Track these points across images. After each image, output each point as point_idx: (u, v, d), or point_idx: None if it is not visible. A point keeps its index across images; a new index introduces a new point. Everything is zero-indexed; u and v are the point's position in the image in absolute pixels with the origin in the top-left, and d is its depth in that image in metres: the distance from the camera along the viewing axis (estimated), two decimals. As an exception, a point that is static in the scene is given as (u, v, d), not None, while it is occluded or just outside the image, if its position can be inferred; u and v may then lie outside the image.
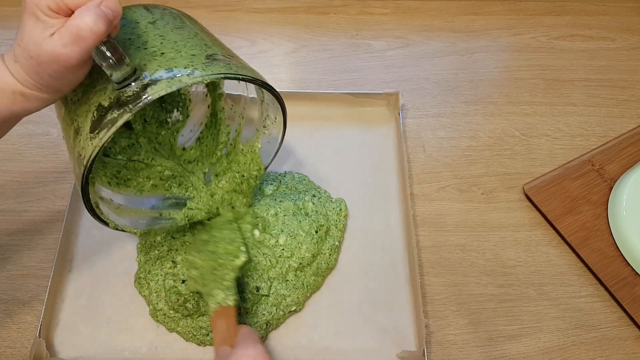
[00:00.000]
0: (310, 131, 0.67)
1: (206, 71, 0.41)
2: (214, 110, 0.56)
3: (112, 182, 0.51)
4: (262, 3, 0.81)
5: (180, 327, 0.53)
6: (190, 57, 0.42)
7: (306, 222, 0.57)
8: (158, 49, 0.42)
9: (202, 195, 0.55)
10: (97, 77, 0.41)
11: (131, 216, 0.52)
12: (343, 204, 0.61)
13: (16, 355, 0.51)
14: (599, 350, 0.54)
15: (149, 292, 0.54)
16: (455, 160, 0.66)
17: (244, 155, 0.55)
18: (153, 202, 0.55)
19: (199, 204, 0.54)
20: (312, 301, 0.56)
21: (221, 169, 0.56)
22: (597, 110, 0.71)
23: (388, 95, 0.68)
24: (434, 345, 0.53)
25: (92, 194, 0.46)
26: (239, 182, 0.55)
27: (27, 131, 0.66)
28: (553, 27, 0.81)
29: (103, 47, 0.37)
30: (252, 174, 0.55)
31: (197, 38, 0.45)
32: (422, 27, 0.80)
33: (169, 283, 0.53)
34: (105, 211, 0.48)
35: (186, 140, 0.56)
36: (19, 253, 0.57)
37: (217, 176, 0.56)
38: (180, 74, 0.40)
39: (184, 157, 0.55)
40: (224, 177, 0.55)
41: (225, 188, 0.55)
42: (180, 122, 0.55)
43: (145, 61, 0.40)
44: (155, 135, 0.53)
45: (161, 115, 0.54)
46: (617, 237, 0.59)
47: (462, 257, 0.59)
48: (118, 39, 0.39)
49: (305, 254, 0.55)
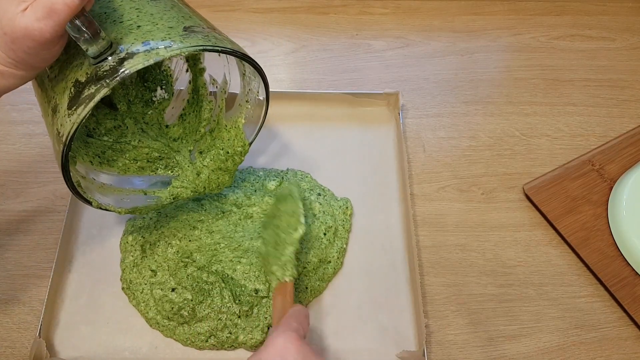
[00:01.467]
0: (310, 131, 0.67)
1: (184, 43, 0.40)
2: (196, 85, 0.55)
3: (95, 161, 0.50)
4: (262, 3, 0.81)
5: (176, 334, 0.52)
6: (168, 29, 0.41)
7: (315, 225, 0.57)
8: (134, 22, 0.41)
9: (187, 174, 0.54)
10: (74, 53, 0.40)
11: (115, 195, 0.52)
12: (349, 202, 0.61)
13: (16, 355, 0.51)
14: (599, 350, 0.54)
15: (136, 302, 0.53)
16: (455, 160, 0.66)
17: (227, 132, 0.54)
18: (137, 181, 0.54)
19: (184, 182, 0.53)
20: (312, 301, 0.56)
21: (205, 146, 0.55)
22: (597, 110, 0.71)
23: (388, 95, 0.68)
24: (434, 345, 0.53)
25: (74, 172, 0.45)
26: (223, 159, 0.54)
27: (27, 131, 0.66)
28: (553, 27, 0.81)
29: (77, 21, 0.36)
30: (237, 150, 0.54)
31: (174, 10, 0.44)
32: (422, 27, 0.80)
33: (157, 293, 0.53)
34: (89, 190, 0.48)
35: (169, 117, 0.55)
36: (19, 253, 0.57)
37: (202, 153, 0.55)
38: (158, 47, 0.39)
39: (168, 135, 0.55)
40: (209, 155, 0.54)
41: (211, 166, 0.54)
42: (167, 100, 0.54)
43: (122, 35, 0.40)
44: (142, 115, 0.52)
45: (145, 95, 0.53)
46: (617, 237, 0.59)
47: (462, 257, 0.59)
48: (93, 13, 0.38)
49: (312, 259, 0.55)
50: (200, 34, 0.42)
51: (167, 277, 0.54)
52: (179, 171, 0.54)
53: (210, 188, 0.55)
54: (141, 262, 0.55)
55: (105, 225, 0.59)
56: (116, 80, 0.38)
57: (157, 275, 0.54)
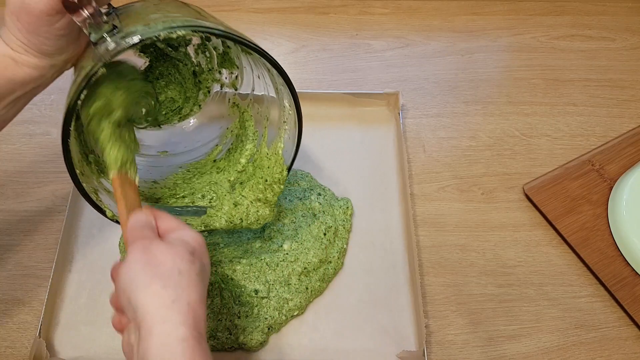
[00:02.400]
0: (310, 131, 0.66)
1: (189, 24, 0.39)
2: (242, 120, 0.55)
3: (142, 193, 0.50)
4: (262, 3, 0.81)
5: None
6: (174, 17, 0.40)
7: (315, 225, 0.57)
8: (145, 14, 0.41)
9: (224, 204, 0.52)
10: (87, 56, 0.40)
11: None
12: (349, 202, 0.60)
13: (16, 355, 0.51)
14: (599, 350, 0.54)
15: None
16: (455, 160, 0.66)
17: (268, 159, 0.52)
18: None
19: (219, 212, 0.52)
20: (312, 301, 0.56)
21: (246, 176, 0.54)
22: (597, 110, 0.71)
23: (388, 95, 0.68)
24: (434, 345, 0.53)
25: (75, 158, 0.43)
26: (262, 189, 0.52)
27: (27, 131, 0.66)
28: (553, 27, 0.81)
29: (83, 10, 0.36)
30: (275, 177, 0.51)
31: (189, 8, 0.43)
32: (422, 27, 0.80)
33: None
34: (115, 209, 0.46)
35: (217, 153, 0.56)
36: (19, 253, 0.57)
37: (242, 184, 0.53)
38: (157, 27, 0.38)
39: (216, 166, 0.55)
40: (248, 184, 0.53)
41: (249, 197, 0.52)
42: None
43: (129, 22, 0.40)
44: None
45: None
46: (617, 237, 0.59)
47: (462, 257, 0.59)
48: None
49: (312, 259, 0.55)
50: (212, 23, 0.41)
51: None
52: (216, 200, 0.53)
53: (249, 222, 0.52)
54: None
55: (105, 225, 0.59)
56: (111, 54, 0.37)
57: None
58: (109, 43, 0.38)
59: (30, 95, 0.42)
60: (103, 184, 0.48)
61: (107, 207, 0.47)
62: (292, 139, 0.50)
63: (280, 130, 0.52)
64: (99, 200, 0.46)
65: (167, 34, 0.38)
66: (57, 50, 0.39)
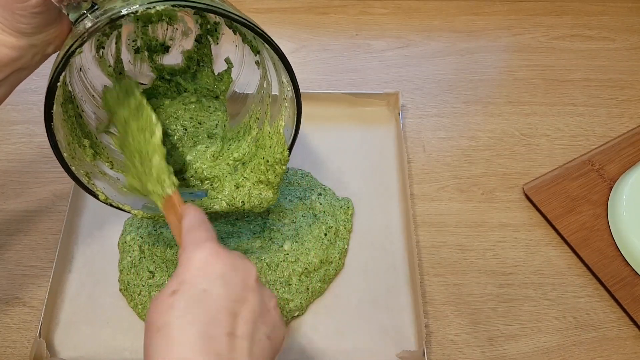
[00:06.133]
0: (310, 131, 0.67)
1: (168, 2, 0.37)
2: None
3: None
4: (263, 3, 0.81)
5: None
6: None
7: (315, 225, 0.57)
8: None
9: (225, 186, 0.51)
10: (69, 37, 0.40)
11: (136, 198, 0.49)
12: (350, 202, 0.60)
13: (16, 355, 0.51)
14: (598, 350, 0.54)
15: (134, 304, 0.53)
16: (455, 160, 0.66)
17: (270, 139, 0.50)
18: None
19: (220, 194, 0.50)
20: (312, 302, 0.55)
21: (248, 157, 0.51)
22: (597, 110, 0.71)
23: (388, 95, 0.68)
24: (434, 345, 0.53)
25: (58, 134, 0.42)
26: (264, 170, 0.49)
27: (27, 131, 0.66)
28: (553, 27, 0.81)
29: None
30: (276, 157, 0.48)
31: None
32: (422, 27, 0.80)
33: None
34: (110, 193, 0.46)
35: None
36: (19, 253, 0.57)
37: (244, 164, 0.51)
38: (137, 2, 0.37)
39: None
40: (249, 165, 0.51)
41: (252, 178, 0.50)
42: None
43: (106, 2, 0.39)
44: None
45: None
46: (617, 237, 0.59)
47: (462, 257, 0.59)
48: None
49: (313, 260, 0.55)
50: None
51: (165, 278, 0.53)
52: (217, 182, 0.51)
53: (252, 204, 0.50)
54: (139, 263, 0.54)
55: (105, 225, 0.59)
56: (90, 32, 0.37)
57: (156, 277, 0.54)
58: (87, 21, 0.38)
59: (14, 80, 0.41)
60: (99, 166, 0.47)
61: (100, 191, 0.46)
62: (292, 117, 0.49)
63: (281, 107, 0.49)
64: (91, 184, 0.45)
65: (145, 9, 0.37)
66: (35, 30, 0.39)
